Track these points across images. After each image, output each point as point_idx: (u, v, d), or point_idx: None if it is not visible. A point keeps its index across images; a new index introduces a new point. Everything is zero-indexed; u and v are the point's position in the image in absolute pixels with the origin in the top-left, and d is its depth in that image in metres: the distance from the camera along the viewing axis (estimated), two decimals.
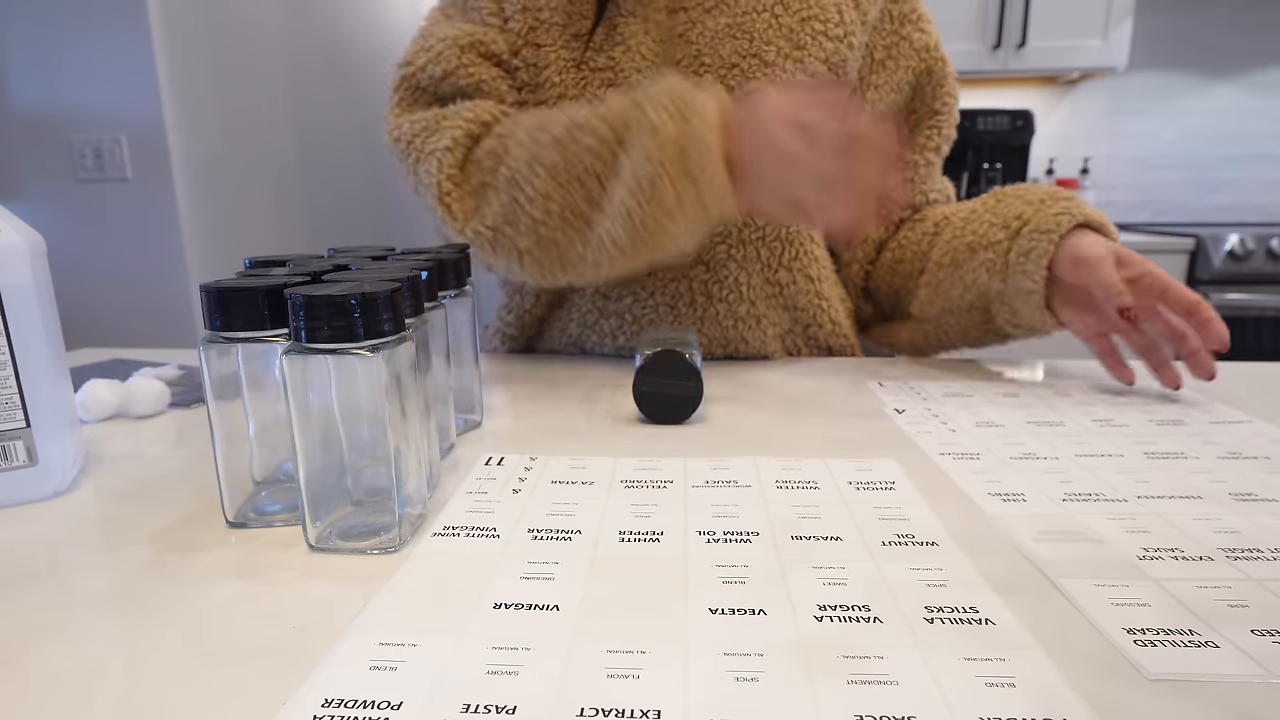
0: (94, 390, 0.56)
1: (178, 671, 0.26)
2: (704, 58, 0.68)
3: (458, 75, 0.68)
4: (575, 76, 0.68)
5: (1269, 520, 0.37)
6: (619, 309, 0.73)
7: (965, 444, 0.49)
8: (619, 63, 0.68)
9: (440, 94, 0.70)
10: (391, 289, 0.33)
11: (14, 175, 1.80)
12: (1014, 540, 0.35)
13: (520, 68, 0.71)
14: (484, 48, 0.69)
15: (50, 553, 0.36)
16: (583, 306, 0.74)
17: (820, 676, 0.26)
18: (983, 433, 0.51)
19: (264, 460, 0.39)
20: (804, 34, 0.68)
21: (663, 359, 0.52)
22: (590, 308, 0.74)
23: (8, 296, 0.39)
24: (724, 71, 0.68)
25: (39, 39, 1.72)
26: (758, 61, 0.68)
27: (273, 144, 2.20)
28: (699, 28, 0.68)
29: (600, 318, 0.74)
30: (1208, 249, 1.99)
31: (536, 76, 0.70)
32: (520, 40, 0.70)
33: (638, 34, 0.68)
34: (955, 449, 0.48)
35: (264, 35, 2.15)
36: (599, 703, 0.24)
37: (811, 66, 0.68)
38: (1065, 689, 0.25)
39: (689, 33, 0.69)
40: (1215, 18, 2.39)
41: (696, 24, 0.69)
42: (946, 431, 0.51)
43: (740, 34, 0.68)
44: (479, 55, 0.69)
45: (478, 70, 0.68)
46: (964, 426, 0.52)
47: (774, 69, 0.68)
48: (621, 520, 0.38)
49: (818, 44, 0.69)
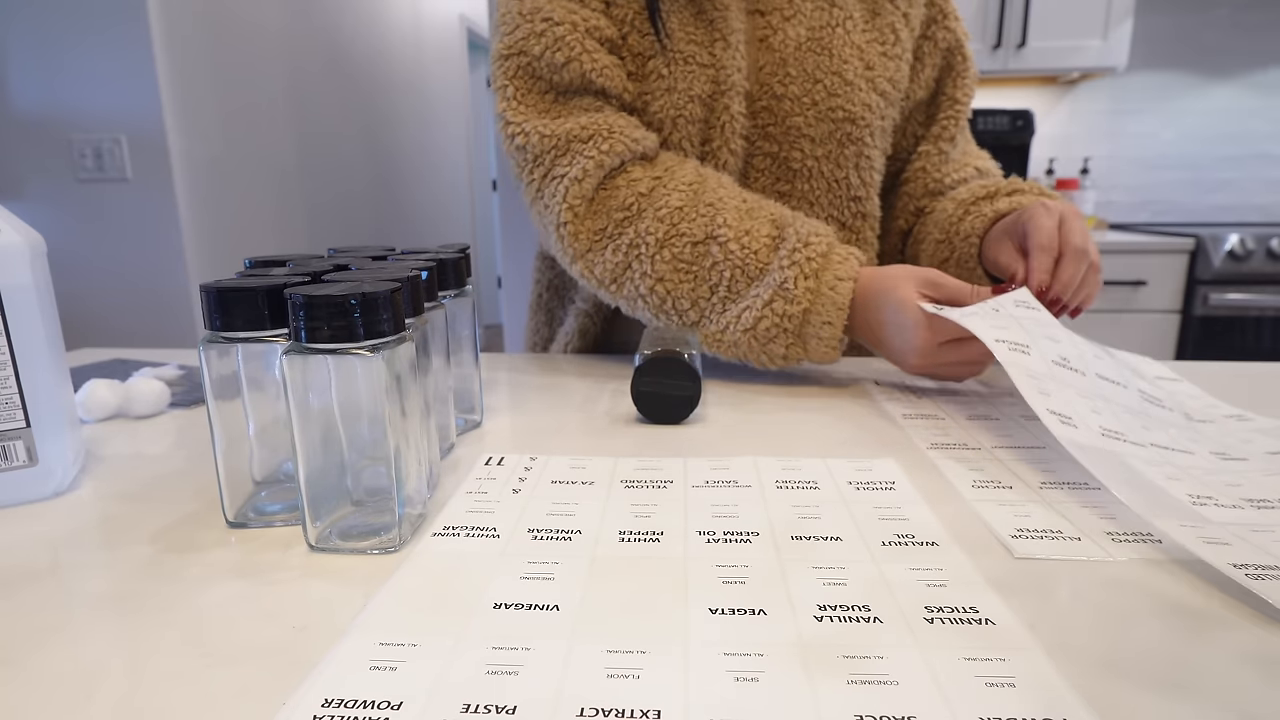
0: (94, 390, 0.56)
1: (178, 672, 0.26)
2: (789, 68, 0.69)
3: (581, 62, 0.65)
4: (684, 70, 0.67)
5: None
6: None
7: (965, 442, 0.49)
8: (720, 60, 0.67)
9: (558, 83, 0.66)
10: (391, 289, 0.33)
11: (14, 175, 1.80)
12: (994, 531, 0.35)
13: (626, 57, 0.68)
14: (600, 33, 0.66)
15: (50, 553, 0.36)
16: None
17: (820, 676, 0.26)
18: (982, 432, 0.51)
19: (264, 460, 0.39)
20: (872, 54, 0.70)
21: (661, 359, 0.52)
22: None
23: (8, 296, 0.39)
24: (809, 85, 0.69)
25: (39, 39, 1.72)
26: (839, 80, 0.69)
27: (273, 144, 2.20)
28: (780, 35, 0.69)
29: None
30: (1208, 249, 1.99)
31: (642, 67, 0.68)
32: (627, 26, 0.67)
33: (736, 32, 0.68)
34: (955, 448, 0.48)
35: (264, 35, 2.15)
36: (599, 703, 0.24)
37: (881, 87, 0.71)
38: (1065, 689, 0.25)
39: (770, 39, 0.69)
40: (1215, 18, 2.39)
41: (777, 30, 0.69)
42: (946, 431, 0.51)
43: (821, 49, 0.69)
44: (597, 41, 0.66)
45: (599, 58, 0.65)
46: (963, 426, 0.52)
47: (853, 87, 0.70)
48: (621, 520, 0.38)
49: (883, 64, 0.71)
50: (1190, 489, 0.40)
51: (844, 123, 0.70)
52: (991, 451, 0.47)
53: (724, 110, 0.68)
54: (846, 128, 0.70)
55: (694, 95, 0.67)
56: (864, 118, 0.71)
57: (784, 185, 0.72)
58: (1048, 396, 0.45)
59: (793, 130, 0.70)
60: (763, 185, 0.72)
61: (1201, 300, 2.01)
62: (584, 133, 0.64)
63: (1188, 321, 2.04)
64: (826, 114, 0.70)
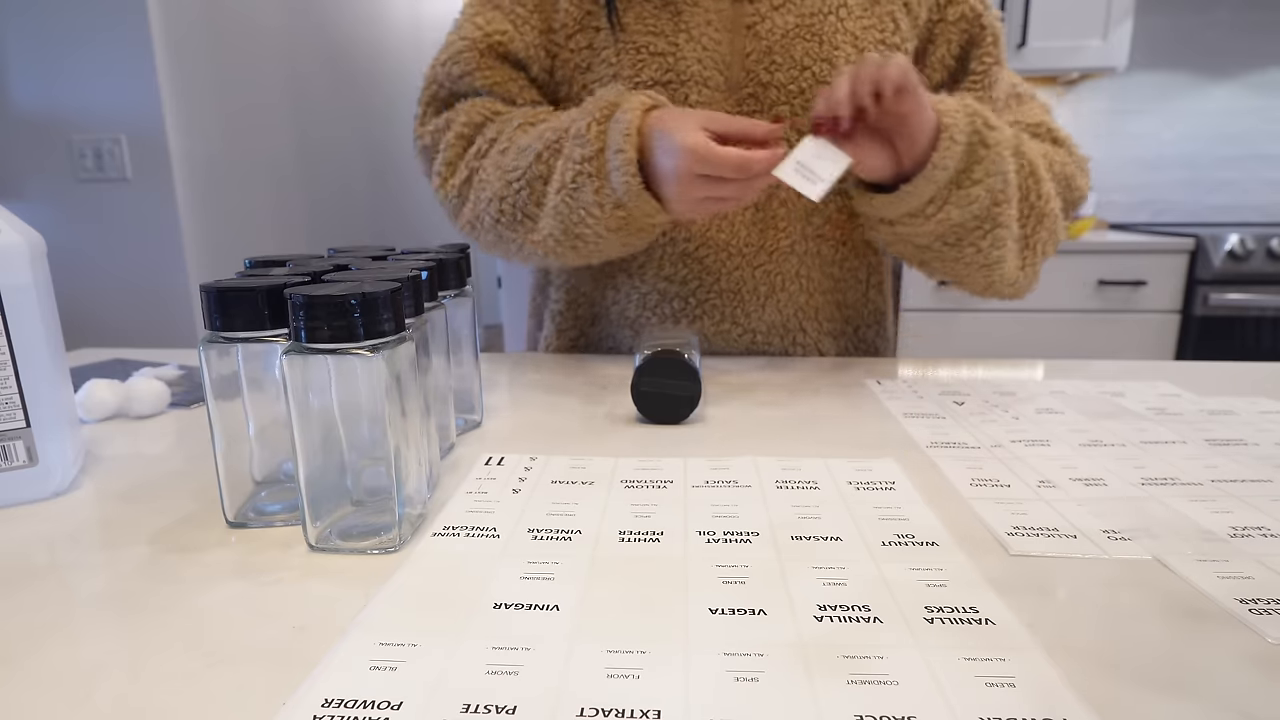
0: (94, 390, 0.56)
1: (178, 672, 0.26)
2: (775, 55, 0.68)
3: (474, 77, 0.72)
4: (633, 59, 0.68)
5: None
6: (683, 292, 0.73)
7: (965, 441, 0.49)
8: (681, 50, 0.68)
9: (457, 92, 0.73)
10: (391, 289, 0.33)
11: (14, 175, 1.80)
12: (991, 529, 0.35)
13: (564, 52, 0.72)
14: (503, 48, 0.71)
15: (50, 553, 0.36)
16: (643, 288, 0.74)
17: (820, 676, 0.26)
18: (982, 431, 0.51)
19: (264, 460, 0.39)
20: (867, 41, 0.69)
21: (661, 359, 0.52)
22: (651, 289, 0.74)
23: (8, 296, 0.39)
24: (796, 72, 0.68)
25: (39, 39, 1.72)
26: (829, 67, 0.68)
27: (273, 144, 2.20)
28: (768, 23, 0.68)
29: (661, 300, 0.73)
30: (1208, 249, 1.99)
31: (592, 57, 0.70)
32: (576, 25, 0.71)
33: (700, 23, 0.68)
34: (954, 447, 0.48)
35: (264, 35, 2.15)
36: (599, 703, 0.24)
37: None
38: (1065, 689, 0.25)
39: (758, 26, 0.68)
40: (1216, 18, 2.39)
41: (765, 18, 0.68)
42: (945, 431, 0.51)
43: (810, 35, 0.68)
44: (497, 57, 0.72)
45: (494, 74, 0.72)
46: (963, 424, 0.52)
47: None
48: (621, 520, 0.38)
49: (878, 52, 0.69)
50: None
51: None
52: (991, 450, 0.47)
53: (682, 100, 0.68)
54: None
55: (640, 83, 0.68)
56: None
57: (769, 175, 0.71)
58: None
59: (779, 119, 0.68)
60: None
61: (1201, 300, 2.01)
62: (457, 114, 0.72)
63: (1188, 321, 2.04)
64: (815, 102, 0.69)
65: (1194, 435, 0.50)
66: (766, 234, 0.71)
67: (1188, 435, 0.50)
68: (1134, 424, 0.52)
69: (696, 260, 0.72)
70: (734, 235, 0.71)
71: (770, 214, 0.71)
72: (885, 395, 0.60)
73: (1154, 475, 0.43)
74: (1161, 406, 0.56)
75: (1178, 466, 0.44)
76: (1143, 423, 0.52)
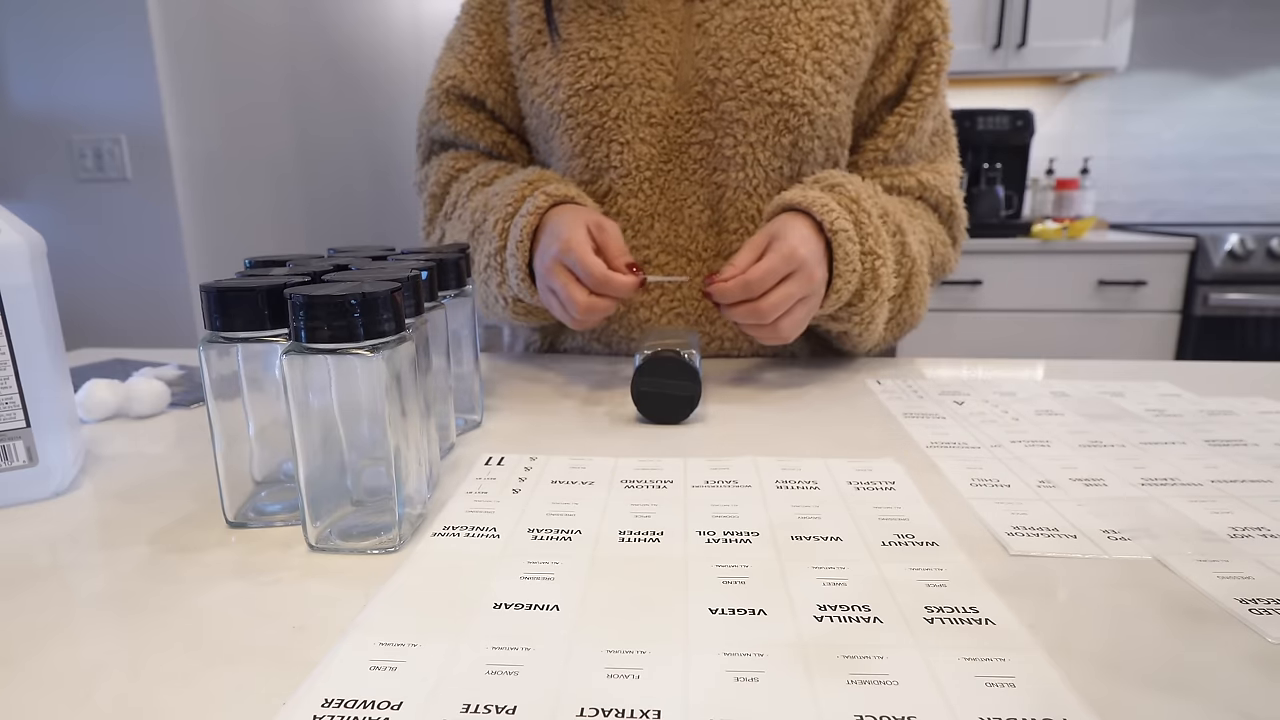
0: (94, 390, 0.56)
1: (178, 671, 0.26)
2: (722, 51, 0.67)
3: (440, 125, 0.78)
4: (573, 65, 0.69)
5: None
6: (647, 300, 0.72)
7: (965, 441, 0.49)
8: (624, 54, 0.68)
9: (434, 138, 0.81)
10: (391, 289, 0.33)
11: (14, 175, 1.80)
12: (990, 528, 0.35)
13: (519, 72, 0.75)
14: (460, 90, 0.76)
15: (50, 553, 0.36)
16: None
17: (820, 676, 0.26)
18: (982, 431, 0.51)
19: (264, 460, 0.39)
20: (822, 34, 0.67)
21: (661, 359, 0.52)
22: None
23: (8, 296, 0.39)
24: (743, 67, 0.66)
25: (39, 39, 1.72)
26: (777, 59, 0.66)
27: (273, 144, 2.20)
28: (717, 19, 0.67)
29: (628, 310, 0.73)
30: (1208, 249, 1.99)
31: (538, 71, 0.72)
32: (527, 45, 0.73)
33: (646, 26, 0.68)
34: (954, 446, 0.48)
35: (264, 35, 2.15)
36: (599, 703, 0.24)
37: (829, 70, 0.67)
38: (1065, 689, 0.25)
39: (707, 24, 0.68)
40: (1216, 18, 2.39)
41: (714, 15, 0.68)
42: (945, 431, 0.51)
43: (759, 28, 0.66)
44: (456, 101, 0.77)
45: (455, 121, 0.77)
46: (963, 425, 0.52)
47: (793, 68, 0.66)
48: (621, 520, 0.38)
49: (834, 46, 0.67)
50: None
51: (781, 107, 0.66)
52: (991, 450, 0.47)
53: (626, 102, 0.68)
54: (784, 113, 0.66)
55: (580, 88, 0.68)
56: (804, 103, 0.66)
57: (719, 175, 0.69)
58: None
59: (726, 115, 0.67)
60: (699, 176, 0.69)
61: (1201, 300, 2.01)
62: (430, 170, 0.80)
63: (1188, 321, 2.04)
64: (762, 97, 0.66)
65: (1194, 435, 0.50)
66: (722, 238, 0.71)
67: (1188, 435, 0.50)
68: (1134, 424, 0.52)
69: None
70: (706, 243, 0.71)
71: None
72: (885, 395, 0.60)
73: (1154, 475, 0.43)
74: (1161, 407, 0.56)
75: (1178, 467, 0.44)
76: (1143, 423, 0.52)
